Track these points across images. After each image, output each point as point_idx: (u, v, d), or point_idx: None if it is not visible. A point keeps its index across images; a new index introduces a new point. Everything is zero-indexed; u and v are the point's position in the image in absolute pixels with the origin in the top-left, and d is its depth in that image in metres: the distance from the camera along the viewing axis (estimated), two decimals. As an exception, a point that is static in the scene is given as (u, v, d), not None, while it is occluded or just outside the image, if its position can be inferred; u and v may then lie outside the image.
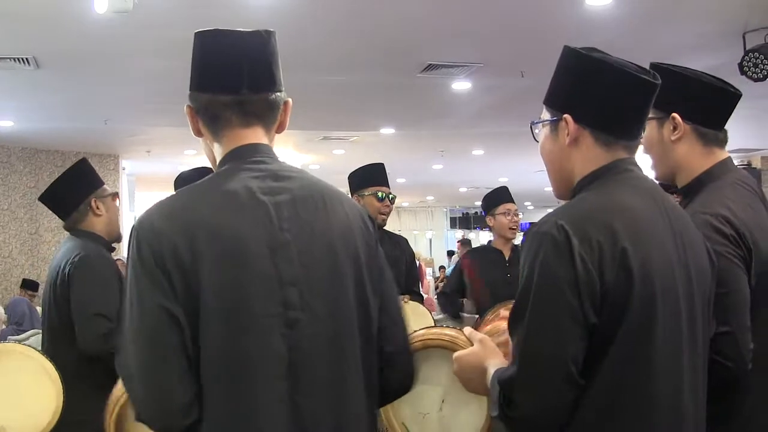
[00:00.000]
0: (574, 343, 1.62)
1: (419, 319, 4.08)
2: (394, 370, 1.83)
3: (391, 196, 4.51)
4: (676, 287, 1.72)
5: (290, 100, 1.86)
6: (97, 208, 3.60)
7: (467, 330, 2.08)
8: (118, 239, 3.77)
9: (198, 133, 1.85)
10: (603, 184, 1.78)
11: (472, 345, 2.00)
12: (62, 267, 3.40)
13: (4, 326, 8.90)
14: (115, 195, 3.75)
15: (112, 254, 3.72)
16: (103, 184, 3.75)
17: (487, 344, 1.96)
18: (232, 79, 1.76)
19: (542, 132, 1.91)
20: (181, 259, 1.60)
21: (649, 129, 2.30)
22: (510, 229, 5.16)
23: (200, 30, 1.80)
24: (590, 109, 1.80)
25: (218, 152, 1.82)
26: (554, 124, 1.85)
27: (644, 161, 1.88)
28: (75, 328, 3.28)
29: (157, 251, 1.61)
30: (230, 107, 1.77)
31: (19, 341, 4.78)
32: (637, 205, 1.75)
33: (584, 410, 1.65)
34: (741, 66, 6.14)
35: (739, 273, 2.08)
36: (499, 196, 5.31)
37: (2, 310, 9.04)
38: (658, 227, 1.74)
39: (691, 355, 1.75)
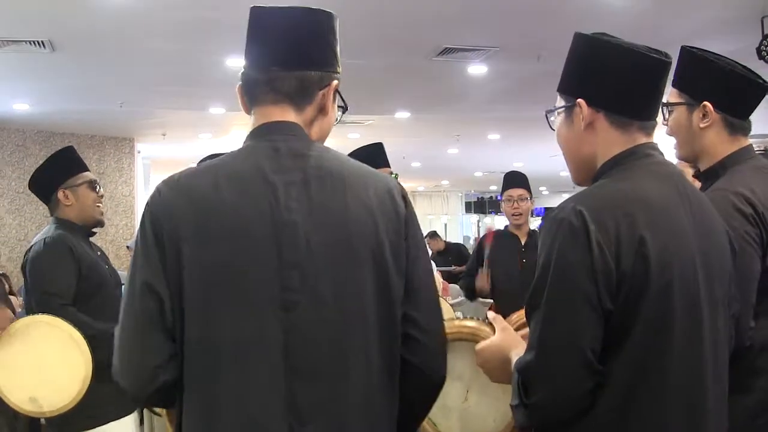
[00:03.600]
0: (591, 328, 1.61)
1: None
2: (417, 358, 1.73)
3: (392, 175, 4.48)
4: (696, 276, 1.70)
5: (336, 81, 1.86)
6: (66, 198, 3.65)
7: (491, 314, 2.06)
8: (96, 225, 3.79)
9: (247, 111, 1.86)
10: (623, 170, 1.77)
11: (494, 332, 1.99)
12: (26, 253, 3.55)
13: (20, 310, 8.94)
14: (92, 182, 3.73)
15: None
16: (79, 171, 3.72)
17: (510, 333, 1.95)
18: (262, 54, 1.79)
19: (558, 119, 1.90)
20: (175, 230, 1.61)
21: (678, 113, 2.37)
22: (513, 215, 5.13)
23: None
24: (602, 91, 1.80)
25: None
26: (569, 110, 1.85)
27: (661, 140, 1.87)
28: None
29: (156, 220, 1.63)
30: (260, 84, 1.78)
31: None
32: (657, 192, 1.73)
33: (602, 401, 1.64)
34: (759, 51, 6.09)
35: (751, 252, 2.11)
36: (505, 182, 5.31)
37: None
38: (678, 215, 1.73)
39: (713, 343, 1.73)
